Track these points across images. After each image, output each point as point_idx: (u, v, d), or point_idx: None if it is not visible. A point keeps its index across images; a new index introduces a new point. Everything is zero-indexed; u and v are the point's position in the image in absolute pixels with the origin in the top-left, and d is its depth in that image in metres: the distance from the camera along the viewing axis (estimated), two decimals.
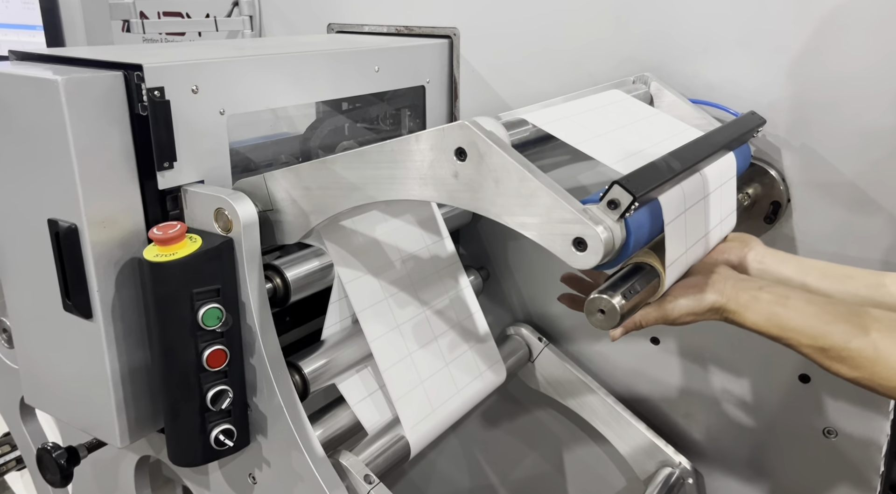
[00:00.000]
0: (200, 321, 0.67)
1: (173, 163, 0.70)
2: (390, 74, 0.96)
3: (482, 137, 0.56)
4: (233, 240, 0.70)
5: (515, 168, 0.55)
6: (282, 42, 0.97)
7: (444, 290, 0.96)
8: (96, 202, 0.66)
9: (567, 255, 0.53)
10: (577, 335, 1.06)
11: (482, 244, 1.13)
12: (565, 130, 0.64)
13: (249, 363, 0.73)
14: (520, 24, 0.98)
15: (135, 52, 0.75)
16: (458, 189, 0.59)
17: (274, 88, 0.80)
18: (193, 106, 0.71)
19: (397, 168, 0.62)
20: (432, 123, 1.06)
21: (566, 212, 0.53)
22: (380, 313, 0.86)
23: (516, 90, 1.01)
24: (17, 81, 0.65)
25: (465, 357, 0.94)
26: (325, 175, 0.68)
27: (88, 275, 0.68)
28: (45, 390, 0.79)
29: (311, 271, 0.82)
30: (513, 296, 1.11)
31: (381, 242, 0.89)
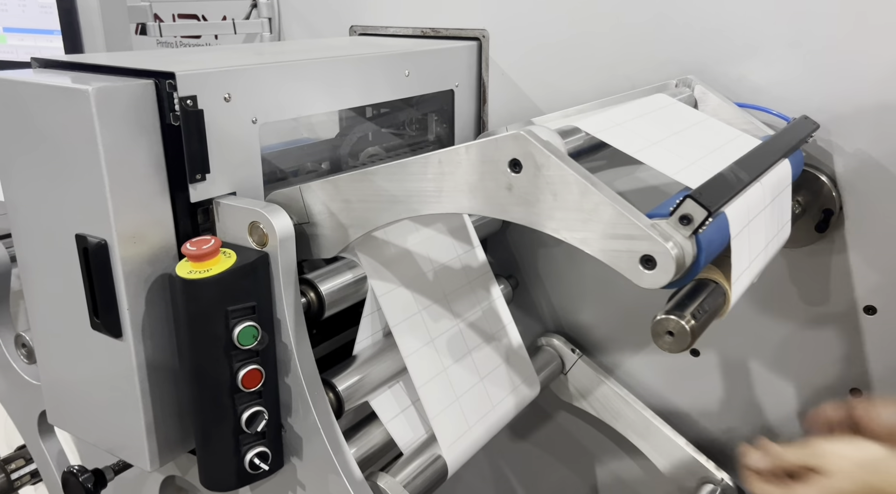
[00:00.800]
0: (236, 340, 0.64)
1: (206, 174, 0.67)
2: (420, 79, 0.93)
3: (539, 148, 0.53)
4: (268, 255, 0.67)
5: (576, 180, 0.52)
6: (308, 46, 0.94)
7: (476, 301, 0.93)
8: (126, 216, 0.63)
9: (633, 274, 0.50)
10: (612, 346, 1.03)
11: (510, 252, 1.10)
12: (620, 139, 0.61)
13: (284, 383, 0.70)
14: (552, 26, 0.95)
15: (164, 59, 0.72)
16: (512, 203, 0.56)
17: (306, 94, 0.77)
18: (226, 115, 0.68)
19: (445, 180, 0.59)
20: (461, 129, 1.03)
21: (633, 227, 0.50)
22: (414, 326, 0.83)
23: (548, 94, 0.98)
24: (42, 91, 0.62)
25: (500, 371, 0.91)
26: (365, 187, 0.65)
27: (118, 293, 0.65)
28: (70, 410, 0.76)
29: (344, 284, 0.79)
30: (543, 305, 1.08)
31: (413, 252, 0.86)
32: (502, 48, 1.00)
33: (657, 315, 0.54)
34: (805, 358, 0.87)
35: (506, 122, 1.02)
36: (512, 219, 0.56)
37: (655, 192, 0.92)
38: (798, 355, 0.88)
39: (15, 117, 0.65)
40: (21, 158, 0.67)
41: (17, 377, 0.96)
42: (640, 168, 0.93)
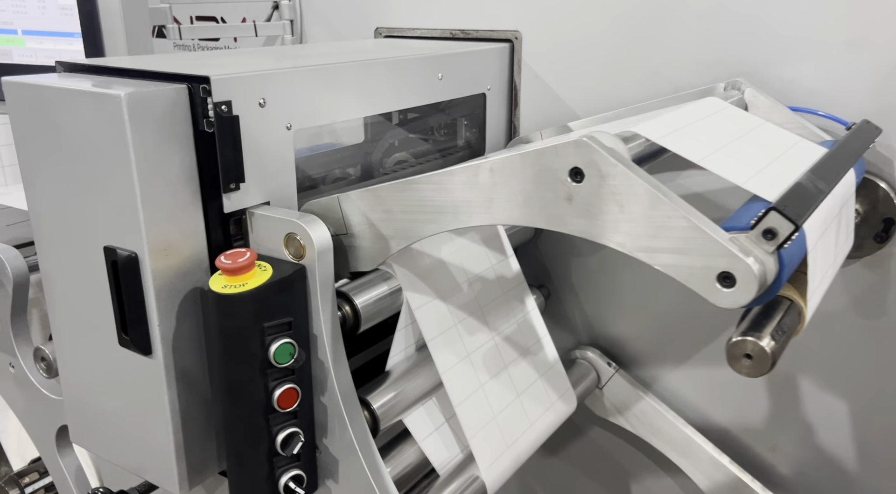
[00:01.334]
0: (272, 357, 0.61)
1: (240, 184, 0.63)
2: (453, 82, 0.90)
3: (604, 156, 0.50)
4: (305, 268, 0.63)
5: (646, 190, 0.48)
6: (336, 49, 0.91)
7: (511, 313, 0.89)
8: (158, 228, 0.60)
9: (710, 292, 0.47)
10: (650, 359, 0.99)
11: (542, 261, 1.06)
12: (683, 145, 0.57)
13: (320, 402, 0.67)
14: (590, 26, 0.91)
15: (195, 62, 0.69)
16: (572, 214, 0.52)
17: (341, 99, 0.73)
18: (260, 121, 0.64)
19: (497, 190, 0.56)
20: (492, 133, 1.00)
21: (710, 242, 0.46)
22: (450, 341, 0.79)
23: (584, 97, 0.95)
24: (71, 96, 0.59)
25: (536, 387, 0.88)
26: (409, 197, 0.61)
27: (148, 308, 0.62)
28: (94, 429, 0.73)
29: (380, 296, 0.76)
30: (576, 316, 1.05)
31: (448, 263, 0.83)
32: (536, 50, 0.97)
33: (732, 337, 0.50)
34: (858, 374, 0.83)
35: (539, 126, 0.99)
36: (571, 231, 0.53)
37: (699, 199, 0.88)
38: (851, 371, 0.84)
39: (41, 123, 0.62)
40: (47, 166, 0.64)
41: (35, 390, 0.93)
42: (682, 174, 0.89)
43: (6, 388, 0.98)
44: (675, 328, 0.96)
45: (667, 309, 0.96)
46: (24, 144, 0.64)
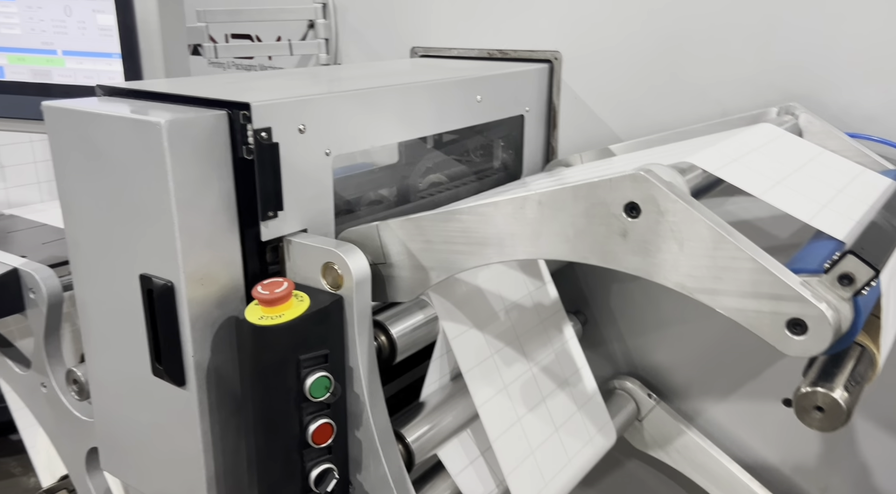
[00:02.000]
0: (307, 391, 0.59)
1: (278, 211, 0.62)
2: (492, 104, 0.88)
3: (663, 190, 0.47)
4: (343, 298, 0.61)
5: (708, 228, 0.46)
6: (373, 71, 0.90)
7: (548, 342, 0.86)
8: (195, 257, 0.59)
9: (778, 339, 0.44)
10: (693, 391, 0.95)
11: (579, 285, 1.03)
12: (741, 177, 0.54)
13: (355, 437, 0.65)
14: (633, 45, 0.89)
15: (233, 86, 0.68)
16: (627, 252, 0.50)
17: (380, 124, 0.72)
18: (300, 147, 0.63)
19: (544, 224, 0.54)
20: (529, 155, 0.97)
21: (779, 285, 0.43)
22: (487, 372, 0.77)
23: (627, 120, 0.92)
24: (110, 122, 0.58)
25: (575, 420, 0.84)
26: (450, 228, 0.59)
27: (183, 338, 0.60)
28: (126, 458, 0.72)
29: (416, 326, 0.74)
30: (615, 344, 1.01)
31: (485, 290, 0.80)
32: (576, 70, 0.94)
33: (801, 387, 0.47)
34: None
35: (578, 148, 0.96)
36: (625, 269, 0.50)
37: (748, 227, 0.85)
38: None
39: (80, 148, 0.62)
40: (85, 190, 0.63)
41: (66, 411, 0.92)
42: (729, 200, 0.86)
43: (38, 407, 0.97)
44: (720, 358, 0.92)
45: (712, 338, 0.92)
46: (63, 167, 0.64)
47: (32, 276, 0.89)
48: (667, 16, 0.85)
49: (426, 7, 1.05)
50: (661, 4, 0.85)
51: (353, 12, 1.14)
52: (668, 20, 0.85)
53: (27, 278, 0.89)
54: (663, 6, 0.85)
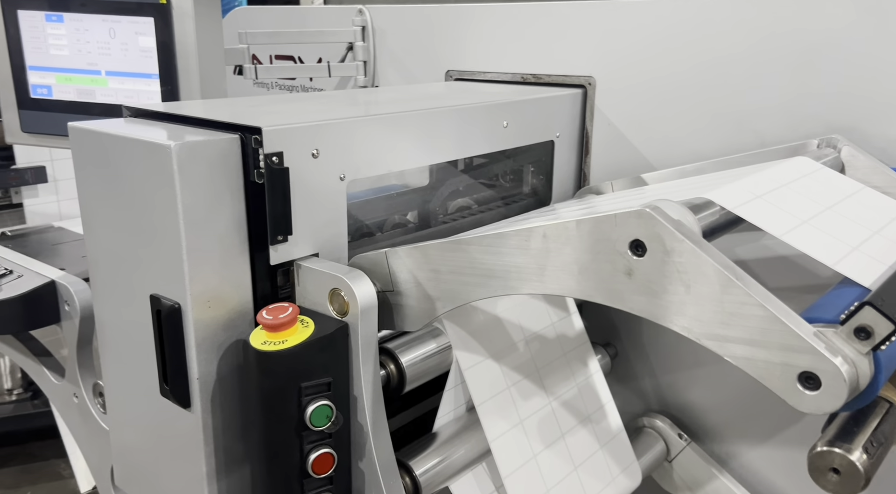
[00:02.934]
0: (308, 420, 0.58)
1: (288, 236, 0.62)
2: (519, 129, 0.86)
3: (669, 229, 0.44)
4: (348, 325, 0.61)
5: (716, 271, 0.43)
6: (402, 95, 0.89)
7: (571, 376, 0.83)
8: (203, 279, 0.59)
9: (789, 393, 0.40)
10: (727, 433, 0.90)
11: (609, 317, 0.99)
12: (763, 216, 0.51)
13: (357, 468, 0.63)
14: (669, 73, 0.85)
15: (251, 111, 0.69)
16: (632, 291, 0.47)
17: (397, 149, 0.71)
18: (313, 172, 0.63)
19: (549, 258, 0.51)
20: (559, 182, 0.95)
21: (790, 336, 0.40)
22: (502, 405, 0.74)
23: (661, 148, 0.89)
24: (126, 144, 0.60)
25: (596, 459, 0.81)
26: (458, 258, 0.58)
27: (189, 360, 0.60)
28: (136, 475, 0.72)
29: (427, 354, 0.72)
30: (645, 380, 0.97)
31: (504, 320, 0.78)
32: (610, 96, 0.92)
33: (816, 446, 0.43)
34: None
35: (610, 176, 0.93)
36: (630, 309, 0.48)
37: (785, 264, 0.80)
38: None
39: (99, 168, 0.63)
40: (103, 210, 0.64)
41: (94, 424, 0.94)
42: (767, 235, 0.82)
43: (70, 416, 1.00)
44: (758, 400, 0.87)
45: (750, 378, 0.87)
46: (85, 186, 0.65)
47: (67, 288, 0.91)
48: (704, 43, 0.82)
49: (462, 31, 1.04)
50: (698, 33, 0.82)
51: (392, 35, 1.14)
52: (704, 47, 0.82)
53: (63, 290, 0.92)
54: (700, 34, 0.82)
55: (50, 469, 2.27)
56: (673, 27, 0.84)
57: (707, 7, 0.82)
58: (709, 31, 0.81)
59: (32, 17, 0.97)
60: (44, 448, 2.33)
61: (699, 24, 0.82)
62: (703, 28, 0.82)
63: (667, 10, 0.85)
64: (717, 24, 0.81)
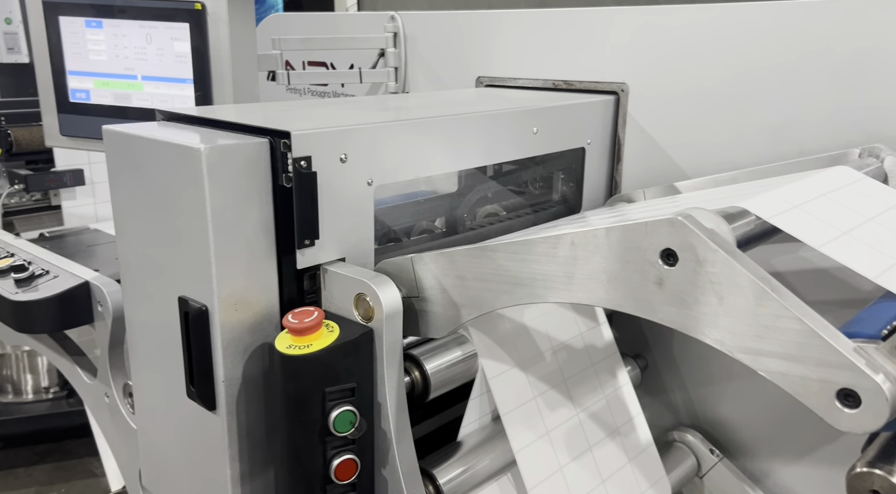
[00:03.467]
0: (331, 425, 0.58)
1: (315, 240, 0.62)
2: (549, 136, 0.85)
3: (702, 239, 0.43)
4: (372, 331, 0.60)
5: (750, 282, 0.41)
6: (431, 101, 0.89)
7: (599, 387, 0.82)
8: (230, 282, 0.59)
9: (827, 411, 0.38)
10: (761, 449, 0.87)
11: (639, 328, 0.98)
12: (800, 226, 0.49)
13: (381, 474, 0.63)
14: (705, 80, 0.84)
15: (281, 115, 0.69)
16: (662, 301, 0.46)
17: (425, 154, 0.71)
18: (341, 176, 0.63)
19: (577, 266, 0.50)
20: (590, 188, 0.94)
21: (828, 351, 0.38)
22: (527, 415, 0.73)
23: (695, 156, 0.87)
24: (157, 147, 0.60)
25: (624, 473, 0.79)
26: (483, 265, 0.57)
27: (215, 363, 0.61)
28: (162, 476, 0.73)
29: (452, 362, 0.72)
30: (676, 393, 0.95)
31: (531, 329, 0.77)
32: (643, 103, 0.90)
33: (856, 467, 0.42)
34: None
35: (642, 184, 0.92)
36: (660, 320, 0.46)
37: (823, 276, 0.77)
38: None
39: (132, 171, 0.64)
40: (134, 212, 0.65)
41: (124, 424, 0.95)
42: (804, 246, 0.79)
43: (101, 416, 1.02)
44: (794, 416, 0.84)
45: (786, 393, 0.84)
46: (117, 189, 0.66)
47: (101, 289, 0.93)
48: (741, 50, 0.80)
49: (493, 37, 1.04)
50: (736, 40, 0.80)
51: (423, 42, 1.14)
52: (742, 54, 0.80)
53: (96, 291, 0.94)
54: (737, 41, 0.80)
55: (83, 466, 2.31)
56: (709, 34, 0.82)
57: (745, 14, 0.80)
58: (747, 39, 0.80)
59: (73, 23, 0.99)
60: (78, 446, 2.38)
61: (737, 31, 0.80)
62: (740, 35, 0.80)
63: (703, 16, 0.83)
64: (756, 32, 0.79)
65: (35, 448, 2.39)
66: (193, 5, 0.93)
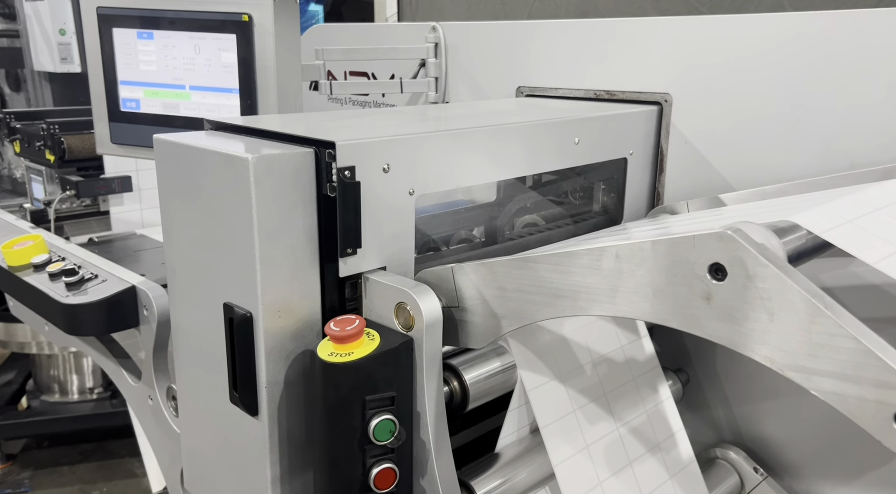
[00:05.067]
0: (371, 434, 0.58)
1: (357, 249, 0.62)
2: (591, 146, 0.84)
3: (752, 253, 0.42)
4: (413, 340, 0.60)
5: (803, 299, 0.40)
6: (473, 111, 0.89)
7: (640, 402, 0.80)
8: (274, 289, 0.60)
9: (884, 433, 0.37)
10: (808, 470, 0.85)
11: (682, 341, 0.96)
12: (854, 242, 0.48)
13: (419, 484, 0.63)
14: (750, 90, 0.82)
15: (325, 125, 0.70)
16: (710, 317, 0.45)
17: (466, 164, 0.71)
18: (383, 186, 0.63)
19: (622, 279, 0.50)
20: (632, 200, 0.93)
21: (886, 371, 0.37)
22: (567, 429, 0.72)
23: (741, 168, 0.85)
24: (205, 156, 0.62)
25: (665, 489, 0.78)
26: (525, 276, 0.57)
27: (258, 368, 0.61)
28: (204, 479, 0.74)
29: (491, 373, 0.72)
30: (719, 409, 0.93)
31: (571, 341, 0.76)
32: (687, 113, 0.89)
33: None
34: None
35: (686, 195, 0.90)
36: (708, 336, 0.45)
37: (875, 293, 0.75)
38: None
39: (181, 179, 0.66)
40: (182, 219, 0.67)
41: (167, 426, 0.97)
42: (855, 261, 0.77)
43: (144, 418, 1.04)
44: (843, 436, 0.82)
45: (834, 412, 0.82)
46: (166, 196, 0.68)
47: (146, 294, 0.95)
48: (789, 61, 0.78)
49: (533, 47, 1.04)
50: (783, 50, 0.79)
51: (463, 52, 1.15)
52: (790, 65, 0.78)
53: (142, 295, 0.96)
54: (785, 51, 0.79)
55: (125, 466, 2.36)
56: (757, 43, 0.81)
57: (795, 23, 0.78)
58: (796, 48, 0.78)
59: (126, 34, 1.02)
60: (120, 447, 2.43)
61: (785, 40, 0.79)
62: (789, 45, 0.78)
63: (750, 25, 0.82)
64: (804, 42, 0.77)
65: (79, 446, 2.46)
66: (240, 17, 0.95)
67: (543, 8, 1.86)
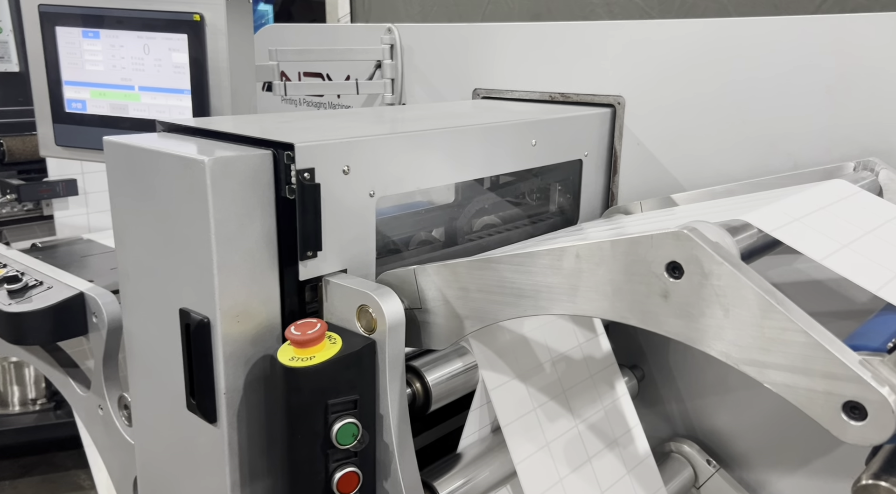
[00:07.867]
0: (334, 438, 0.58)
1: (317, 251, 0.62)
2: (547, 148, 0.86)
3: (708, 252, 0.44)
4: (375, 343, 0.60)
5: (756, 295, 0.42)
6: (430, 113, 0.90)
7: (598, 398, 0.82)
8: (232, 294, 0.59)
9: (833, 423, 0.39)
10: (758, 460, 0.88)
11: (636, 338, 0.98)
12: (802, 239, 0.50)
13: (382, 487, 0.63)
14: (700, 92, 0.85)
15: (282, 127, 0.69)
16: (668, 314, 0.46)
17: (427, 166, 0.71)
18: (343, 188, 0.63)
19: (582, 278, 0.51)
20: (587, 200, 0.94)
21: (834, 363, 0.39)
22: (528, 427, 0.73)
23: (691, 168, 0.88)
24: (160, 158, 0.60)
25: (623, 485, 0.79)
26: (487, 277, 0.57)
27: (216, 375, 0.60)
28: (161, 489, 0.72)
29: (453, 373, 0.72)
30: (673, 404, 0.95)
31: (531, 340, 0.77)
32: (639, 115, 0.91)
33: (861, 479, 0.42)
34: None
35: (639, 195, 0.93)
36: (666, 332, 0.47)
37: (818, 288, 0.78)
38: None
39: (133, 182, 0.64)
40: (135, 223, 0.65)
41: (118, 436, 0.94)
42: (800, 258, 0.80)
43: (94, 428, 1.00)
44: (791, 427, 0.85)
45: (783, 404, 0.84)
46: (118, 200, 0.66)
47: (95, 300, 0.92)
48: (736, 64, 0.81)
49: (489, 50, 1.05)
50: (730, 53, 0.82)
51: (419, 54, 1.15)
52: (737, 68, 0.81)
53: (91, 302, 0.93)
54: (732, 54, 0.81)
55: (70, 479, 2.28)
56: (705, 47, 0.84)
57: (740, 28, 0.81)
58: (742, 53, 0.81)
59: (70, 33, 0.99)
60: (65, 459, 2.34)
61: (732, 44, 0.81)
62: (735, 49, 0.81)
63: (698, 30, 0.84)
64: (751, 45, 0.80)
65: (21, 460, 2.36)
66: (192, 16, 0.93)
67: (496, 10, 1.88)
